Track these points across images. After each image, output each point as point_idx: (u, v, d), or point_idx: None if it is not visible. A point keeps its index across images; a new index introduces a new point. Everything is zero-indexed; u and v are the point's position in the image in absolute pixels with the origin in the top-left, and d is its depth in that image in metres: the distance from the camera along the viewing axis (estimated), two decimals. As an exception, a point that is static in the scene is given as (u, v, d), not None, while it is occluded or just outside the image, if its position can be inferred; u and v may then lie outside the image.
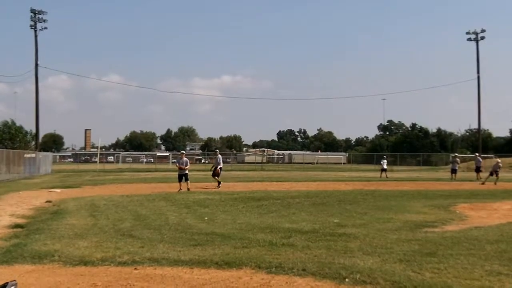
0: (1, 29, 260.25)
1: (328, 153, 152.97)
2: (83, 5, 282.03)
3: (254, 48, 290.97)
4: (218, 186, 29.65)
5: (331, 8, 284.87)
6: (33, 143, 71.46)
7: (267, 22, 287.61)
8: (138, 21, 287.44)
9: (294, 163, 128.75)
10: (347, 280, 7.65)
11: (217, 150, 32.59)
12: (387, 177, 46.55)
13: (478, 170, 45.89)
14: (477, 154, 53.65)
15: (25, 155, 54.15)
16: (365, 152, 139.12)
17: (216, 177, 30.56)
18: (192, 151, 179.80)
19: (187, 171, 28.34)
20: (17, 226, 13.90)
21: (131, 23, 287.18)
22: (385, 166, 49.62)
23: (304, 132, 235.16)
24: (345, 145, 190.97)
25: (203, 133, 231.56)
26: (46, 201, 21.03)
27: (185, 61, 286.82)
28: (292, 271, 8.23)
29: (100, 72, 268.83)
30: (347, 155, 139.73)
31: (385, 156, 54.08)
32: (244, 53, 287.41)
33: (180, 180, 27.85)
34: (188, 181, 27.97)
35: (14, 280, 6.58)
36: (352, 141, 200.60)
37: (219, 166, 31.09)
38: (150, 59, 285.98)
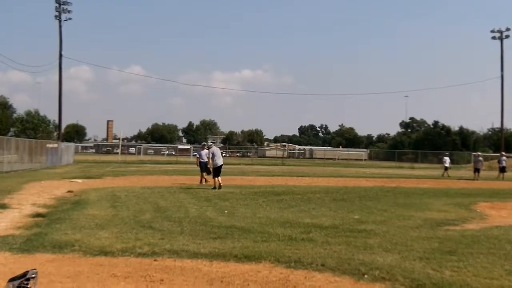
0: (23, 20, 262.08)
1: (350, 149, 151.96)
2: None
3: (273, 43, 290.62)
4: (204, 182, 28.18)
5: (353, 3, 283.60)
6: (56, 133, 72.03)
7: (287, 15, 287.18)
8: (159, 14, 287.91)
9: (315, 158, 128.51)
10: (366, 276, 7.65)
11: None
12: (448, 176, 45.54)
13: (503, 170, 45.01)
14: (503, 153, 51.68)
15: (48, 145, 54.64)
16: (386, 149, 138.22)
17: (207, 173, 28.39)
18: (213, 144, 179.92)
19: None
20: (38, 215, 14.03)
21: (153, 15, 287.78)
22: (447, 164, 48.15)
23: (326, 127, 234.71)
24: (367, 142, 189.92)
25: (224, 127, 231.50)
26: (68, 191, 21.19)
27: (205, 55, 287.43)
28: (311, 266, 8.24)
29: (122, 64, 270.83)
30: (368, 152, 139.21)
31: (447, 153, 51.83)
32: (264, 47, 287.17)
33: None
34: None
35: (35, 269, 6.68)
36: (374, 138, 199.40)
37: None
38: (170, 52, 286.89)
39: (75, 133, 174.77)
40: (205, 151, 28.71)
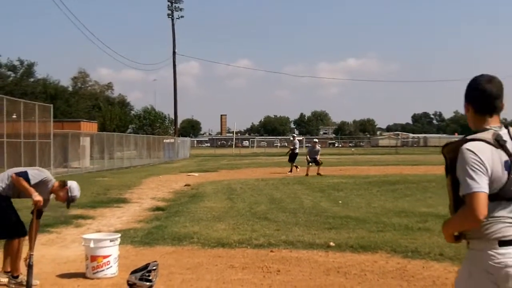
0: (134, 20, 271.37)
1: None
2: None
3: (377, 31, 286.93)
4: (291, 171, 29.23)
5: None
6: (172, 128, 73.82)
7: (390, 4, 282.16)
8: (265, 7, 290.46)
9: (429, 146, 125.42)
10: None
11: (294, 135, 32.49)
12: None
13: None
14: None
15: (165, 141, 56.27)
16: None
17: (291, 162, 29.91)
18: (325, 135, 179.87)
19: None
20: (158, 209, 14.47)
21: (258, 9, 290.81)
22: None
23: (440, 114, 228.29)
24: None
25: (335, 117, 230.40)
26: (185, 185, 21.71)
27: (310, 46, 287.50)
28: (428, 255, 8.08)
29: (229, 59, 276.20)
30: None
31: None
32: (368, 36, 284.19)
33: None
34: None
35: (156, 261, 6.91)
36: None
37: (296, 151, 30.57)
38: (275, 45, 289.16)
39: (190, 128, 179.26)
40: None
